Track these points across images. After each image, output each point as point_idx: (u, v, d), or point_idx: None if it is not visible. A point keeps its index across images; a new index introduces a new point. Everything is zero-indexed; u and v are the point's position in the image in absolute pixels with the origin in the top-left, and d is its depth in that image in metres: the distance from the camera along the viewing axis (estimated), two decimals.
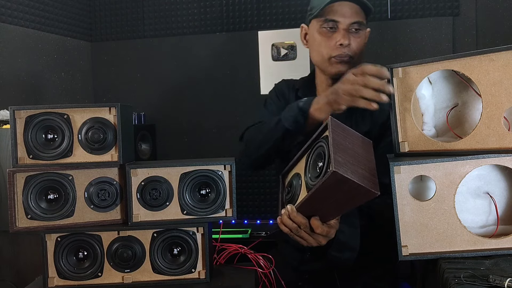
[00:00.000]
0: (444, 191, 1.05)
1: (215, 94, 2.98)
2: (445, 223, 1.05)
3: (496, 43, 2.66)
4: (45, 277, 1.23)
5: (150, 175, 1.24)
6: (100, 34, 3.15)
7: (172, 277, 1.25)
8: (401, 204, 1.06)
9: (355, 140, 1.14)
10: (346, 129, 1.15)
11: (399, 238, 1.06)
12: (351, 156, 1.07)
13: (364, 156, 1.11)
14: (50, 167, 1.22)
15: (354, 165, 1.06)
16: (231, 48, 2.99)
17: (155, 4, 3.07)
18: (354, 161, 1.06)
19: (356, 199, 1.08)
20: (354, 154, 1.09)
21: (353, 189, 1.02)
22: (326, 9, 1.43)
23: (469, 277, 0.89)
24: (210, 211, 1.25)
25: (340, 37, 1.43)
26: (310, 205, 1.10)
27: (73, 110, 1.23)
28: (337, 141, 1.07)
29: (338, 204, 1.10)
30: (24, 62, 2.54)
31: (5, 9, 2.41)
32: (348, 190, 1.03)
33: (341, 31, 1.43)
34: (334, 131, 1.09)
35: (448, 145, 1.09)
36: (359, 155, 1.10)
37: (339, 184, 1.02)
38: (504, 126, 1.02)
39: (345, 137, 1.12)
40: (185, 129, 3.06)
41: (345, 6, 1.42)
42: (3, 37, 2.39)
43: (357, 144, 1.13)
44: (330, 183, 1.02)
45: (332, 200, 1.08)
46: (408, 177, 1.06)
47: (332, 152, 1.03)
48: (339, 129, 1.12)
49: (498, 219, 1.08)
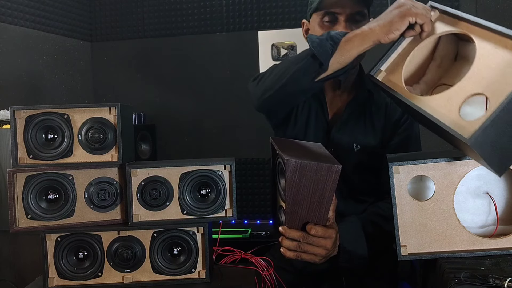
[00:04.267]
0: (443, 191, 1.05)
1: (215, 94, 2.98)
2: (444, 223, 1.05)
3: None
4: (45, 277, 1.23)
5: (150, 175, 1.24)
6: (100, 34, 3.16)
7: (172, 277, 1.25)
8: (400, 204, 1.06)
9: (303, 144, 1.25)
10: (291, 140, 1.27)
11: (398, 238, 1.06)
12: (302, 151, 1.17)
13: (316, 150, 1.20)
14: (50, 167, 1.22)
15: (306, 155, 1.13)
16: (231, 48, 2.99)
17: (155, 4, 3.08)
18: (305, 154, 1.15)
19: (327, 181, 1.08)
20: (304, 150, 1.19)
21: (316, 172, 1.06)
22: (325, 2, 1.38)
23: (469, 277, 0.89)
24: (210, 211, 1.25)
25: (342, 29, 1.36)
26: (293, 212, 1.13)
27: (73, 110, 1.23)
28: (284, 147, 1.16)
29: (317, 196, 1.11)
30: (24, 62, 2.54)
31: (5, 9, 2.41)
32: (312, 175, 1.07)
33: (341, 22, 1.38)
34: (278, 142, 1.19)
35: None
36: (310, 150, 1.19)
37: (300, 172, 1.06)
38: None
39: (291, 143, 1.22)
40: (185, 129, 3.06)
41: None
42: (3, 37, 2.39)
43: (305, 145, 1.24)
44: (292, 175, 1.06)
45: (309, 195, 1.10)
46: (407, 177, 1.06)
47: (282, 152, 1.10)
48: (283, 141, 1.23)
49: (498, 219, 1.09)
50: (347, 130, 1.46)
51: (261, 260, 1.33)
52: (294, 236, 1.15)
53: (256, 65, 2.93)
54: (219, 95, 2.99)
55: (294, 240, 1.15)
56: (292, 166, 1.05)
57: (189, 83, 3.04)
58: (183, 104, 3.05)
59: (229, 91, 2.97)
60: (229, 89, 2.97)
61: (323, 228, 1.15)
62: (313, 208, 1.13)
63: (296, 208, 1.12)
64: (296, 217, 1.14)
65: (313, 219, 1.14)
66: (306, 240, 1.15)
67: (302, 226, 1.16)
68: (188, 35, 3.04)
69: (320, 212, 1.14)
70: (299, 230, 1.15)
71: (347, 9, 1.37)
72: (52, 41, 2.76)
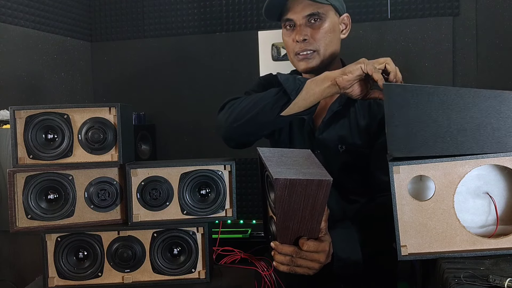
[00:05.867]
0: (443, 191, 1.05)
1: (215, 94, 2.98)
2: (445, 223, 1.05)
3: (496, 43, 2.66)
4: (45, 277, 1.23)
5: (150, 175, 1.24)
6: (100, 34, 3.16)
7: (172, 277, 1.25)
8: (400, 204, 1.06)
9: (292, 153, 1.20)
10: (279, 149, 1.22)
11: (398, 238, 1.06)
12: (291, 164, 1.11)
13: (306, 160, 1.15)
14: (50, 167, 1.22)
15: (296, 169, 1.09)
16: (231, 48, 2.99)
17: (155, 4, 3.08)
18: (295, 167, 1.10)
19: (318, 196, 1.07)
20: (293, 162, 1.13)
21: (306, 187, 1.04)
22: (283, 10, 1.43)
23: (469, 277, 0.89)
24: (210, 211, 1.25)
25: (296, 32, 1.42)
26: (285, 227, 1.11)
27: (73, 110, 1.23)
28: (272, 160, 1.12)
29: (308, 211, 1.09)
30: (24, 62, 2.54)
31: (5, 9, 2.41)
32: (302, 191, 1.04)
33: (297, 28, 1.42)
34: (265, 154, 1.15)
35: None
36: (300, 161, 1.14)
37: (290, 189, 1.04)
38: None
39: (280, 154, 1.17)
40: (185, 129, 3.06)
41: (295, 1, 1.41)
42: (3, 37, 2.39)
43: (295, 155, 1.18)
44: (281, 193, 1.04)
45: (300, 210, 1.08)
46: (407, 177, 1.06)
47: (269, 168, 1.06)
48: (271, 152, 1.18)
49: (498, 219, 1.08)
50: (331, 131, 1.46)
51: (261, 260, 1.33)
52: (286, 251, 1.14)
53: (256, 65, 2.93)
54: (219, 95, 2.98)
55: (287, 255, 1.15)
56: (281, 184, 1.03)
57: (189, 83, 3.04)
58: (183, 104, 3.05)
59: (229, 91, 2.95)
60: (229, 89, 2.96)
61: (316, 243, 1.14)
62: (305, 222, 1.11)
63: (287, 223, 1.10)
64: (288, 232, 1.12)
65: (305, 232, 1.13)
66: (299, 255, 1.14)
67: (295, 240, 1.14)
68: (188, 35, 3.04)
69: (312, 225, 1.12)
70: (291, 245, 1.14)
71: (298, 14, 1.41)
72: (52, 41, 2.76)
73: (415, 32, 2.75)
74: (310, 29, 1.41)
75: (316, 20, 1.42)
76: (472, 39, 2.70)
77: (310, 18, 1.41)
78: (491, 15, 2.67)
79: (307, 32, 1.41)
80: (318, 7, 1.41)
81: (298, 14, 1.41)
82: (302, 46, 1.42)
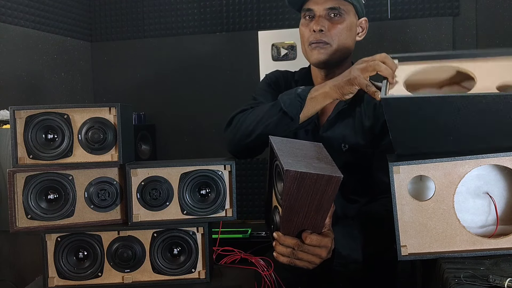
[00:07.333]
0: (443, 191, 1.05)
1: (215, 94, 2.98)
2: (445, 223, 1.05)
3: (496, 43, 2.66)
4: (45, 277, 1.23)
5: (150, 175, 1.24)
6: (100, 34, 3.15)
7: (172, 277, 1.25)
8: (400, 204, 1.06)
9: (303, 145, 1.19)
10: (291, 140, 1.21)
11: (398, 238, 1.06)
12: (302, 157, 1.11)
13: (317, 154, 1.15)
14: (50, 167, 1.22)
15: (307, 162, 1.08)
16: (231, 48, 2.99)
17: (155, 4, 3.08)
18: (306, 159, 1.09)
19: (326, 192, 1.06)
20: (304, 154, 1.12)
21: (315, 182, 1.03)
22: (305, 1, 1.45)
23: (469, 277, 0.89)
24: (210, 211, 1.25)
25: (314, 23, 1.43)
26: (289, 220, 1.11)
27: (73, 110, 1.23)
28: (283, 150, 1.11)
29: (315, 206, 1.08)
30: (24, 62, 2.54)
31: (5, 9, 2.41)
32: (311, 185, 1.04)
33: (316, 18, 1.43)
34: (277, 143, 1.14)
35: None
36: (311, 155, 1.13)
37: (299, 182, 1.03)
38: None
39: (292, 146, 1.16)
40: (185, 129, 3.06)
41: None
42: (3, 37, 2.39)
43: (306, 148, 1.17)
44: (290, 185, 1.03)
45: (306, 204, 1.07)
46: (407, 177, 1.06)
47: (280, 158, 1.05)
48: (283, 142, 1.17)
49: (498, 219, 1.09)
50: (336, 129, 1.47)
51: (261, 260, 1.33)
52: (288, 243, 1.14)
53: (256, 65, 2.92)
54: (219, 95, 2.98)
55: (289, 247, 1.15)
56: (291, 176, 1.02)
57: (189, 83, 3.04)
58: (183, 104, 3.05)
59: (229, 91, 2.96)
60: (229, 89, 2.97)
61: (319, 237, 1.14)
62: (310, 216, 1.11)
63: (292, 216, 1.10)
64: (292, 225, 1.12)
65: (309, 226, 1.13)
66: (300, 248, 1.14)
67: (298, 233, 1.14)
68: (188, 35, 3.04)
69: (317, 220, 1.12)
70: (294, 237, 1.14)
71: (320, 6, 1.43)
72: (52, 41, 2.76)
73: (415, 32, 2.75)
74: (328, 22, 1.43)
75: (336, 15, 1.43)
76: (472, 39, 2.70)
77: (330, 11, 1.43)
78: (491, 15, 2.67)
79: (325, 24, 1.42)
80: (340, 3, 1.43)
81: (320, 5, 1.43)
82: (317, 37, 1.43)
